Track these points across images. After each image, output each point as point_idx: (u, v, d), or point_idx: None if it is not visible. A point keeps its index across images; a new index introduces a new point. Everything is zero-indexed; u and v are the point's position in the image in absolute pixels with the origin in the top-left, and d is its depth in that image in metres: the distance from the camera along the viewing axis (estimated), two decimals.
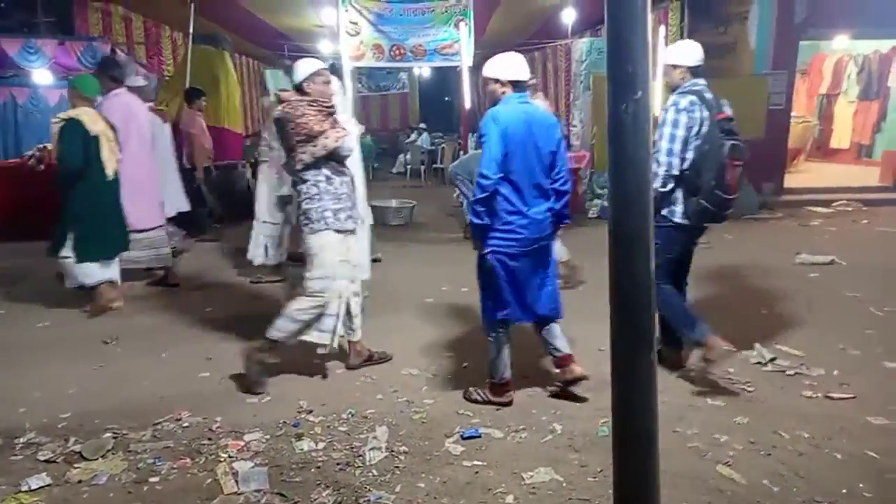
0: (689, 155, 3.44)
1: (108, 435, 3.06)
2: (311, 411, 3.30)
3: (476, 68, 11.35)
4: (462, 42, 8.80)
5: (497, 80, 3.22)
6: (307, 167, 3.46)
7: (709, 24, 10.09)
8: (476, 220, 3.12)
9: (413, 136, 15.37)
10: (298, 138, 3.41)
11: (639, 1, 1.47)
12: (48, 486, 2.66)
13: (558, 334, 3.38)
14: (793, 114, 10.39)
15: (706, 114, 3.40)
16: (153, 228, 5.45)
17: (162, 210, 5.76)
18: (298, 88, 3.52)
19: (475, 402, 3.36)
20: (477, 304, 3.43)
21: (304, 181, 3.50)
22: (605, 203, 10.29)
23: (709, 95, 3.47)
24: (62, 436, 3.07)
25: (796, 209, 9.19)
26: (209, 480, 2.70)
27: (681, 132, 3.41)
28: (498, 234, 3.16)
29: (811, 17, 9.13)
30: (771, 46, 9.33)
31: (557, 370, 3.41)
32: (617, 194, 1.44)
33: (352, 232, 3.62)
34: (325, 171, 3.50)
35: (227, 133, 9.28)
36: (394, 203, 8.96)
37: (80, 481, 2.70)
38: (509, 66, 3.22)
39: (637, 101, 1.39)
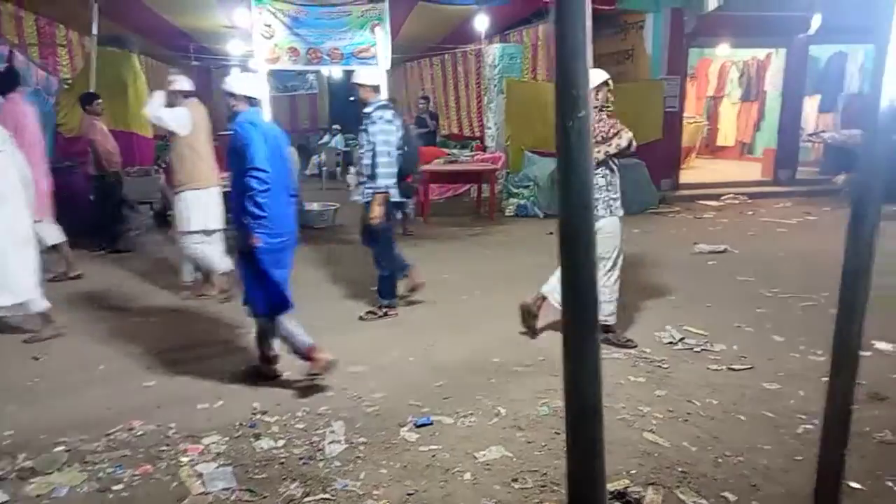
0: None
1: (59, 449, 3.04)
2: (265, 412, 3.40)
3: (393, 70, 11.56)
4: (378, 46, 8.95)
5: (233, 95, 3.56)
6: (599, 164, 3.96)
7: (609, 30, 10.79)
8: (259, 212, 3.39)
9: (326, 138, 15.28)
10: (595, 139, 3.88)
11: (580, 36, 1.74)
12: (5, 502, 2.63)
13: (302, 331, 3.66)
14: (685, 115, 11.29)
15: (399, 122, 4.69)
16: None
17: None
18: None
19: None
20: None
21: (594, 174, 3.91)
22: (521, 201, 10.60)
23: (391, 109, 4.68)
24: (9, 453, 3.01)
25: (690, 203, 10.02)
26: (175, 484, 2.76)
27: (393, 139, 4.60)
28: (264, 232, 3.46)
29: (699, 27, 9.97)
30: (665, 53, 10.11)
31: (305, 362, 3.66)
32: (564, 197, 1.70)
33: (620, 218, 4.19)
34: (612, 166, 4.08)
35: (136, 138, 8.96)
36: (315, 206, 9.00)
37: (38, 495, 2.69)
38: (247, 84, 3.60)
39: (580, 118, 1.66)
